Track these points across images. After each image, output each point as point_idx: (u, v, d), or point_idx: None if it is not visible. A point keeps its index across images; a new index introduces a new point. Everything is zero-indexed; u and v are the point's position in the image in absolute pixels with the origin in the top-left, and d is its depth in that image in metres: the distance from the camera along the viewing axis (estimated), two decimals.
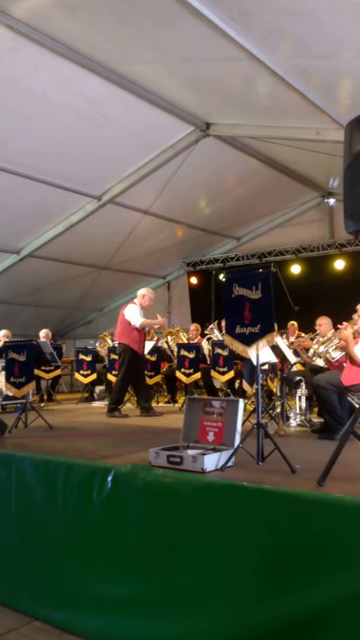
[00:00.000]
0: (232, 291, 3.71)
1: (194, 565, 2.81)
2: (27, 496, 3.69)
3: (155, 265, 12.63)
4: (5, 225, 9.11)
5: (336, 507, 2.44)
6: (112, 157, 8.10)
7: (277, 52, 5.59)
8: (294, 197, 10.80)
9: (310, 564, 2.44)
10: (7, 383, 5.79)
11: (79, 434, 5.34)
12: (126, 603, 3.02)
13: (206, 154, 8.24)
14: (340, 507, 2.43)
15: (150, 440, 4.63)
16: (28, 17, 5.30)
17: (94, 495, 3.29)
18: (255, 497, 2.69)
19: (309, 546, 2.46)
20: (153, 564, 2.97)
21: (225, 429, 3.54)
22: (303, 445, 4.55)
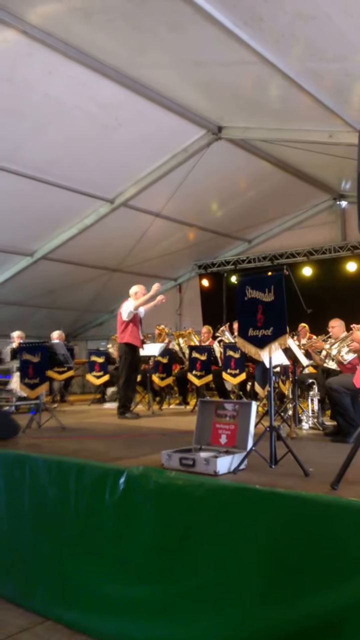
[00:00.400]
0: (245, 294, 3.72)
1: (205, 568, 2.81)
2: (41, 496, 3.72)
3: (166, 268, 12.67)
4: (19, 228, 9.20)
5: (350, 511, 2.43)
6: (125, 161, 8.15)
7: (289, 56, 5.60)
8: (306, 199, 10.78)
9: (323, 567, 2.43)
10: (21, 384, 5.85)
11: (92, 435, 5.38)
12: (137, 605, 3.02)
13: (218, 157, 8.26)
14: (354, 511, 2.42)
15: (162, 442, 4.65)
16: (43, 22, 5.36)
17: (106, 496, 3.30)
18: (268, 501, 2.68)
19: (322, 550, 2.45)
20: (165, 566, 2.98)
21: (237, 432, 3.55)
22: (316, 448, 4.54)
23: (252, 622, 2.60)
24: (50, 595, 3.49)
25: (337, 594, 2.35)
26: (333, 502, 2.53)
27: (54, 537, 3.58)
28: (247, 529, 2.71)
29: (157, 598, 2.96)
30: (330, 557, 2.42)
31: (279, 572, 2.56)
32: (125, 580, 3.11)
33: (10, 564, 3.83)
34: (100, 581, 3.23)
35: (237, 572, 2.70)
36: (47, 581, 3.54)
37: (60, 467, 3.66)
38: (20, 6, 5.11)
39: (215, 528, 2.83)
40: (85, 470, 3.50)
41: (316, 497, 2.61)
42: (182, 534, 2.95)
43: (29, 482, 3.81)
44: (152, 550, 3.05)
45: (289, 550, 2.55)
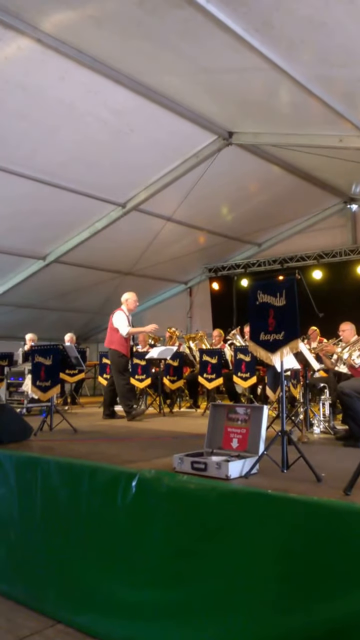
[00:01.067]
0: (257, 298, 3.73)
1: (218, 573, 2.80)
2: (52, 499, 3.74)
3: (177, 271, 12.72)
4: (32, 232, 9.29)
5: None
6: (137, 166, 8.22)
7: (300, 62, 5.63)
8: (316, 203, 10.78)
9: (336, 574, 2.42)
10: (33, 386, 5.89)
11: (103, 437, 5.42)
12: (149, 608, 3.02)
13: (229, 162, 8.30)
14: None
15: (173, 445, 4.68)
16: (56, 30, 5.43)
17: (118, 499, 3.31)
18: (281, 506, 2.68)
19: (335, 556, 2.43)
20: (176, 570, 2.97)
21: (249, 436, 3.54)
22: (328, 452, 4.53)
23: (264, 628, 2.59)
24: (62, 598, 3.50)
25: (351, 601, 2.33)
26: (346, 508, 2.51)
27: (65, 540, 3.59)
28: (259, 534, 2.70)
29: (168, 602, 2.96)
30: (343, 563, 2.40)
31: (292, 579, 2.55)
32: (137, 584, 3.12)
33: (22, 566, 3.85)
34: (111, 584, 3.24)
35: (249, 577, 2.69)
36: (58, 584, 3.56)
37: (72, 470, 3.68)
38: (35, 15, 5.19)
39: (227, 533, 2.82)
40: (97, 473, 3.51)
41: (329, 502, 2.59)
42: (194, 538, 2.95)
43: (41, 484, 3.83)
44: (163, 554, 3.05)
45: (302, 556, 2.54)
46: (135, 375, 8.27)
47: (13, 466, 4.09)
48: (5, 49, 5.55)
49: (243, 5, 4.77)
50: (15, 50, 5.59)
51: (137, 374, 8.27)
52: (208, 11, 4.83)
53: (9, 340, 11.73)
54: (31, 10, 5.11)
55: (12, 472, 4.09)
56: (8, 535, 4.01)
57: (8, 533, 4.01)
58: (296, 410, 5.78)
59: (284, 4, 4.71)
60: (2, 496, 4.09)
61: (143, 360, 8.26)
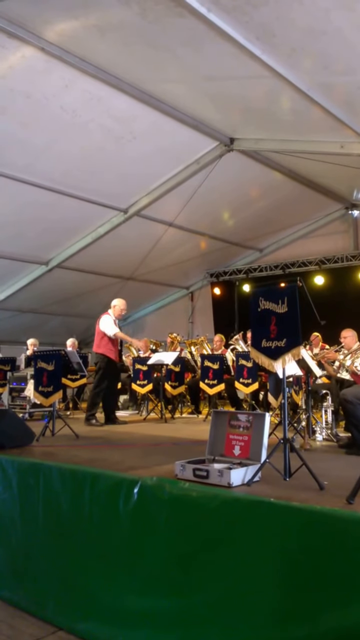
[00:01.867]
0: (259, 305, 3.73)
1: (220, 582, 2.79)
2: (54, 505, 3.73)
3: (179, 276, 12.74)
4: (35, 237, 9.33)
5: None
6: (139, 172, 8.26)
7: (301, 69, 5.66)
8: (317, 209, 10.81)
9: (340, 583, 2.41)
10: (35, 392, 5.91)
11: (105, 443, 5.41)
12: (151, 616, 3.02)
13: (230, 168, 8.33)
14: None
15: (175, 452, 4.67)
16: (60, 39, 5.47)
17: (120, 506, 3.31)
18: (283, 514, 2.67)
19: (338, 565, 2.42)
20: (178, 578, 2.97)
21: (251, 443, 3.54)
22: (330, 460, 4.51)
23: (268, 638, 2.58)
24: (63, 604, 3.49)
25: (355, 611, 2.32)
26: (349, 517, 2.50)
27: (67, 546, 3.59)
28: (261, 543, 2.70)
29: (170, 610, 2.95)
30: (347, 573, 2.39)
31: (295, 588, 2.54)
32: (139, 591, 3.11)
33: (24, 572, 3.84)
34: (113, 591, 3.23)
35: (251, 586, 2.68)
36: (60, 591, 3.55)
37: (74, 476, 3.68)
38: (39, 24, 5.23)
39: (229, 541, 2.82)
40: (99, 480, 3.51)
41: (331, 511, 2.59)
42: (196, 546, 2.94)
43: (43, 490, 3.83)
44: (165, 562, 3.04)
45: (305, 565, 2.54)
46: (137, 380, 8.28)
47: (15, 472, 4.09)
48: (9, 58, 5.60)
49: (244, 15, 4.81)
50: (20, 59, 5.63)
51: (139, 380, 8.27)
52: (210, 20, 4.87)
53: (12, 344, 11.76)
54: (35, 19, 5.16)
55: (15, 478, 4.09)
56: (10, 541, 4.00)
57: (10, 539, 4.00)
58: (298, 417, 5.78)
59: (285, 12, 4.74)
60: (5, 502, 4.09)
61: (145, 366, 8.27)
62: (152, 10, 4.89)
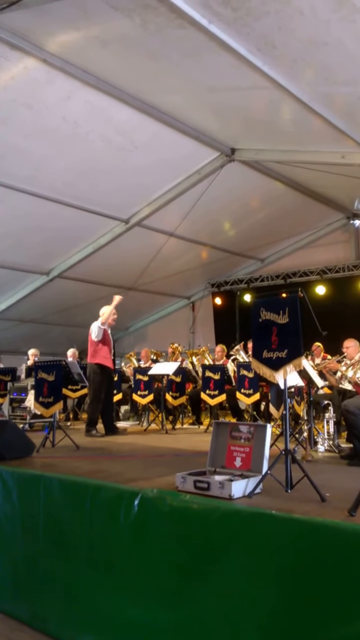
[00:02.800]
0: (260, 315, 3.72)
1: (221, 594, 2.77)
2: (55, 517, 3.72)
3: (180, 286, 12.74)
4: (36, 247, 9.35)
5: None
6: (140, 182, 8.28)
7: (302, 80, 5.69)
8: (319, 218, 10.82)
9: (342, 597, 2.39)
10: (35, 402, 5.89)
11: (106, 455, 5.39)
12: (151, 628, 2.99)
13: (231, 178, 8.35)
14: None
15: (176, 463, 4.65)
16: (61, 51, 5.51)
17: (120, 518, 3.30)
18: (285, 527, 2.65)
19: (340, 579, 2.41)
20: (179, 591, 2.94)
21: (252, 455, 3.52)
22: (332, 472, 4.49)
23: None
24: (64, 617, 3.48)
25: (358, 624, 2.29)
26: (351, 529, 2.48)
27: (68, 559, 3.57)
28: (263, 555, 2.68)
29: (171, 622, 2.93)
30: (349, 586, 2.37)
31: (298, 601, 2.52)
32: (140, 604, 3.09)
33: (24, 584, 3.82)
34: (114, 604, 3.21)
35: (253, 598, 2.66)
36: (61, 603, 3.53)
37: (75, 488, 3.67)
38: (41, 36, 5.27)
39: (230, 553, 2.80)
40: (99, 492, 3.50)
41: (333, 523, 2.57)
42: (197, 559, 2.92)
43: (44, 502, 3.82)
44: (166, 574, 3.02)
45: (306, 578, 2.52)
46: (138, 391, 8.25)
47: (16, 483, 4.08)
48: (11, 69, 5.63)
49: (245, 26, 4.84)
50: (22, 70, 5.67)
51: (140, 390, 8.25)
52: (211, 32, 4.90)
53: (13, 354, 11.76)
54: (37, 31, 5.20)
55: (15, 490, 4.07)
56: (11, 553, 3.99)
57: (11, 551, 3.99)
58: (300, 427, 5.74)
59: (285, 24, 4.77)
60: (5, 514, 4.08)
61: (145, 376, 8.24)
62: (153, 22, 4.93)
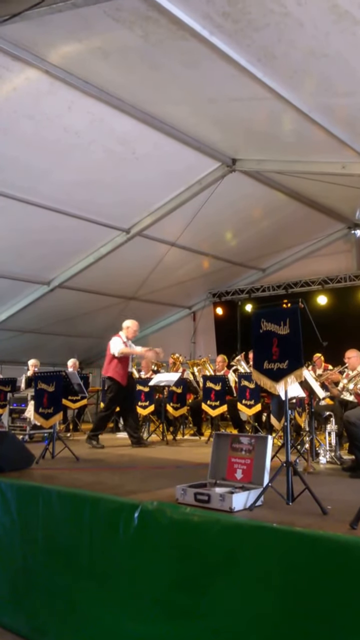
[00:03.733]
0: (260, 326, 3.71)
1: (222, 608, 2.75)
2: (54, 529, 3.69)
3: (181, 296, 12.73)
4: (37, 257, 9.35)
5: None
6: (141, 192, 8.29)
7: (302, 91, 5.71)
8: (320, 228, 10.83)
9: (344, 611, 2.36)
10: (35, 413, 5.86)
11: (106, 466, 5.35)
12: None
13: (232, 188, 8.36)
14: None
15: (176, 475, 4.61)
16: (63, 62, 5.53)
17: (120, 531, 3.27)
18: (286, 540, 2.63)
19: (342, 592, 2.38)
20: (180, 604, 2.91)
21: (254, 467, 3.50)
22: (334, 484, 4.46)
23: None
24: (63, 631, 3.45)
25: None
26: (352, 543, 2.46)
27: (67, 571, 3.54)
28: (263, 569, 2.65)
29: (171, 636, 2.90)
30: (351, 600, 2.34)
31: (299, 615, 2.50)
32: (139, 617, 3.06)
33: (23, 597, 3.79)
34: (113, 617, 3.18)
35: (254, 612, 2.63)
36: (60, 616, 3.50)
37: (74, 500, 3.65)
38: (43, 47, 5.29)
39: (231, 567, 2.77)
40: (99, 504, 3.48)
41: (335, 537, 2.55)
42: (197, 572, 2.90)
43: (43, 514, 3.80)
44: (166, 587, 3.00)
45: (308, 591, 2.49)
46: (139, 402, 8.22)
47: (15, 495, 4.05)
48: (13, 80, 5.66)
49: (246, 38, 4.86)
50: (24, 81, 5.69)
51: (141, 401, 8.21)
52: (212, 43, 4.92)
53: (13, 365, 11.72)
54: (39, 42, 5.22)
55: (14, 502, 4.04)
56: (10, 566, 3.96)
57: (10, 564, 3.96)
58: (302, 439, 5.70)
59: (286, 35, 4.79)
60: (4, 526, 4.05)
61: (146, 387, 8.21)
62: (154, 33, 4.95)
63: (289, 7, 4.43)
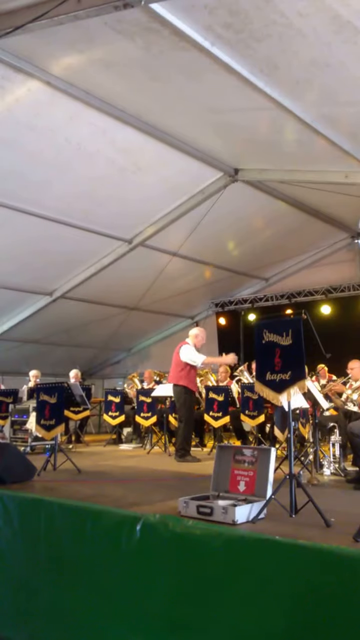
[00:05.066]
0: (262, 337, 3.69)
1: (224, 622, 2.72)
2: (56, 542, 3.66)
3: (183, 306, 12.71)
4: (39, 268, 9.36)
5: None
6: (143, 203, 8.30)
7: (305, 101, 5.72)
8: (323, 238, 10.81)
9: (348, 624, 2.34)
10: (37, 425, 5.82)
11: (108, 479, 5.31)
12: None
13: (235, 198, 8.37)
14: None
15: (179, 487, 4.57)
16: (65, 73, 5.56)
17: (122, 544, 3.25)
18: (289, 553, 2.61)
19: (346, 606, 2.36)
20: (182, 617, 2.89)
21: (256, 479, 3.46)
22: (338, 496, 4.42)
23: None
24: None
25: None
26: (356, 556, 2.43)
27: (69, 585, 3.52)
28: (266, 582, 2.63)
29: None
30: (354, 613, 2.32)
31: (301, 628, 2.48)
32: (141, 631, 3.04)
33: (25, 610, 3.76)
34: (116, 630, 3.16)
35: (257, 626, 2.60)
36: (62, 629, 3.47)
37: (76, 513, 3.63)
38: (44, 58, 5.32)
39: (234, 580, 2.75)
40: (101, 517, 3.46)
41: (338, 549, 2.52)
42: (199, 585, 2.87)
43: (45, 527, 3.77)
44: (168, 601, 2.97)
45: (311, 605, 2.47)
46: (141, 413, 8.17)
47: (17, 508, 4.03)
48: (15, 91, 5.69)
49: (247, 48, 4.88)
50: (25, 92, 5.72)
51: (143, 412, 8.17)
52: (213, 54, 4.94)
53: (15, 376, 11.69)
54: (41, 54, 5.25)
55: (16, 514, 4.02)
56: (12, 578, 3.92)
57: (12, 576, 3.93)
58: (305, 450, 5.64)
59: (288, 46, 4.81)
60: (6, 538, 4.02)
61: (148, 398, 8.16)
62: (156, 45, 4.97)
63: (291, 18, 4.44)
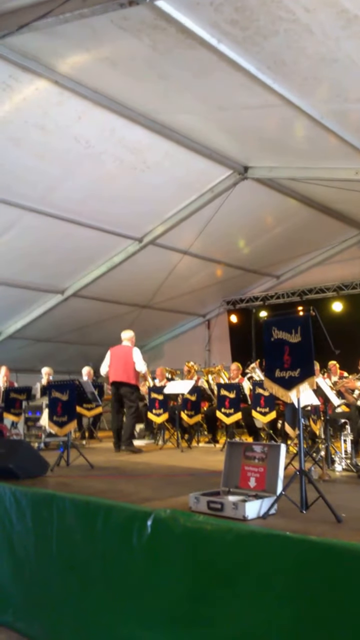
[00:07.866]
0: (272, 334, 3.69)
1: (235, 617, 2.73)
2: (68, 537, 3.70)
3: (195, 304, 12.72)
4: (51, 267, 9.42)
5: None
6: (153, 201, 8.32)
7: (313, 98, 5.70)
8: (334, 235, 10.75)
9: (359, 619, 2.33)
10: (50, 422, 5.89)
11: (120, 474, 5.35)
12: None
13: (245, 195, 8.36)
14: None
15: (190, 483, 4.59)
16: (72, 72, 5.58)
17: (133, 539, 3.27)
18: (300, 548, 2.60)
19: (357, 601, 2.35)
20: (192, 612, 2.90)
21: (267, 475, 3.47)
22: (349, 491, 4.41)
23: None
24: (77, 637, 3.45)
25: None
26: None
27: (81, 579, 3.55)
28: (277, 577, 2.62)
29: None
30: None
31: (312, 623, 2.47)
32: (153, 625, 3.06)
33: (37, 604, 3.81)
34: (127, 624, 3.19)
35: (267, 621, 2.61)
36: (74, 623, 3.51)
37: (88, 508, 3.65)
38: (52, 57, 5.35)
39: (245, 576, 2.75)
40: (112, 512, 3.48)
41: (349, 545, 2.51)
42: (210, 580, 2.88)
43: (57, 522, 3.81)
44: (179, 596, 2.99)
45: (322, 600, 2.46)
46: (153, 409, 8.20)
47: (29, 503, 4.08)
48: (23, 91, 5.72)
49: (255, 45, 4.87)
50: (33, 92, 5.75)
51: (155, 409, 8.20)
52: (220, 51, 4.94)
53: (28, 373, 11.77)
54: (48, 53, 5.27)
55: (29, 510, 4.07)
56: (25, 572, 3.98)
57: (25, 570, 3.98)
58: (317, 446, 5.63)
59: (295, 42, 4.79)
60: (19, 533, 4.08)
61: (160, 395, 8.19)
62: (162, 42, 4.98)
63: (297, 14, 4.42)
